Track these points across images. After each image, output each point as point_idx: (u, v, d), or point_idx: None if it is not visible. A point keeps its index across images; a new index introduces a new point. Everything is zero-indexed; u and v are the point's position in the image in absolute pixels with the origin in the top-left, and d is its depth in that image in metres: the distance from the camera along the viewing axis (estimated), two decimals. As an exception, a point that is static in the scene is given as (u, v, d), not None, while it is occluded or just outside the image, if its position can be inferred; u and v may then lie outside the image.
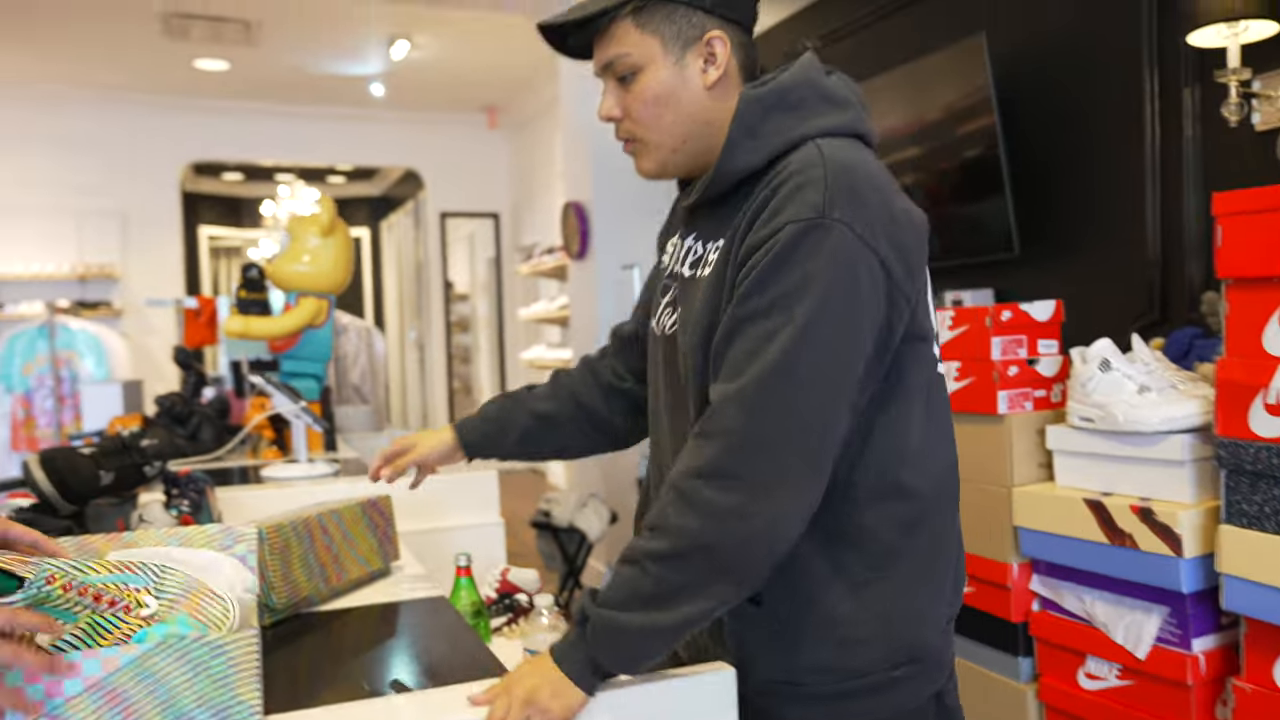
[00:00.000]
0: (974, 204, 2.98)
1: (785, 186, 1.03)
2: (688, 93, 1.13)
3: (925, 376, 1.11)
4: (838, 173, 1.02)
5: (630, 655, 1.02)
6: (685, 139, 1.14)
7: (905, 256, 1.05)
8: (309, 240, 2.69)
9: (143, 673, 0.92)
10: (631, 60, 1.12)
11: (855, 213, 1.01)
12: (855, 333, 1.01)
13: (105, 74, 7.03)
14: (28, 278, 7.31)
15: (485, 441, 1.42)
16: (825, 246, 0.99)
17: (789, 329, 0.99)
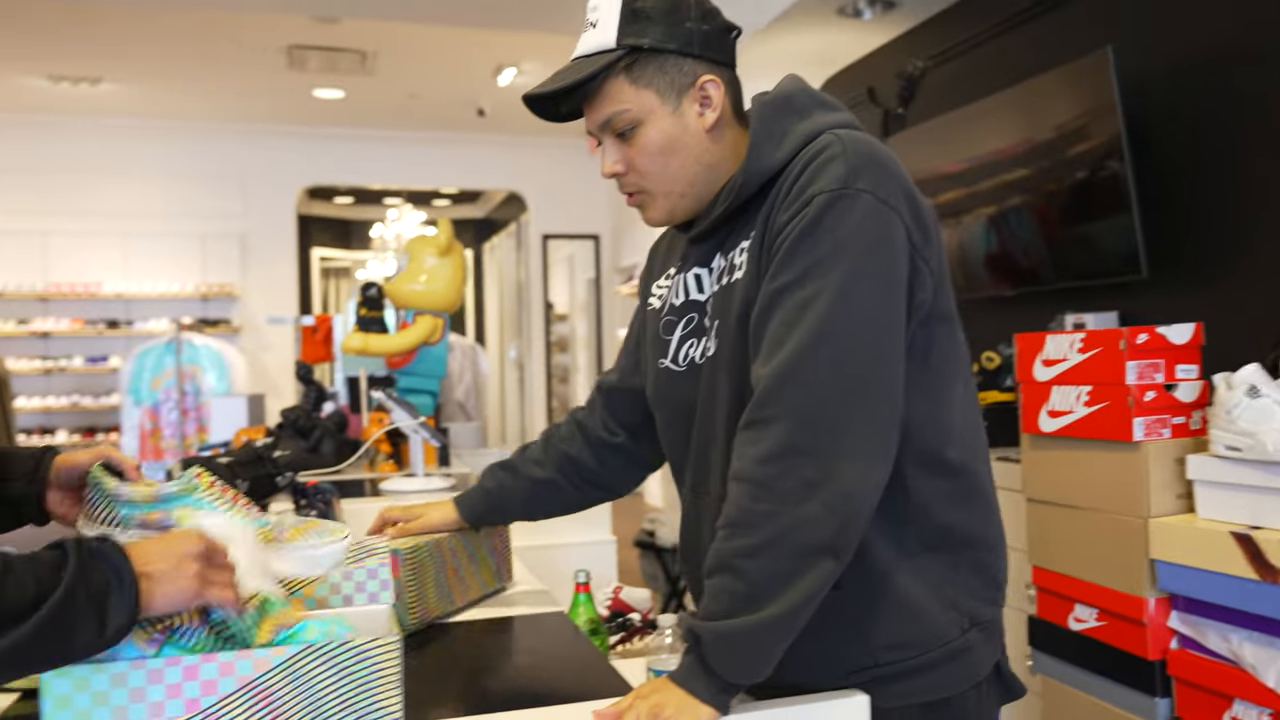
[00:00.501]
0: (1090, 224, 2.88)
1: (810, 167, 1.07)
2: (689, 138, 1.15)
3: (960, 357, 1.15)
4: (857, 148, 1.07)
5: (751, 661, 1.00)
6: (692, 183, 1.17)
7: (923, 225, 1.09)
8: (426, 260, 2.76)
9: (291, 674, 0.94)
10: (630, 115, 1.15)
11: (877, 181, 1.05)
12: (892, 289, 1.05)
13: (232, 106, 7.39)
14: (155, 296, 7.71)
15: (489, 513, 1.50)
16: (853, 213, 1.03)
17: (826, 294, 1.02)
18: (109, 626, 0.83)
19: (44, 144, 7.48)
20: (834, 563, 1.01)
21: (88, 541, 0.85)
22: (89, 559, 0.83)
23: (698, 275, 1.23)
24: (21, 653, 0.78)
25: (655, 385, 1.30)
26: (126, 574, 0.85)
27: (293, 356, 7.81)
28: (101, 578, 0.83)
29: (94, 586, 0.82)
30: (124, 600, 0.84)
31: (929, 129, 3.66)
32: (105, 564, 0.84)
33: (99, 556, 0.84)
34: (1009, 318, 3.39)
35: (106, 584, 0.83)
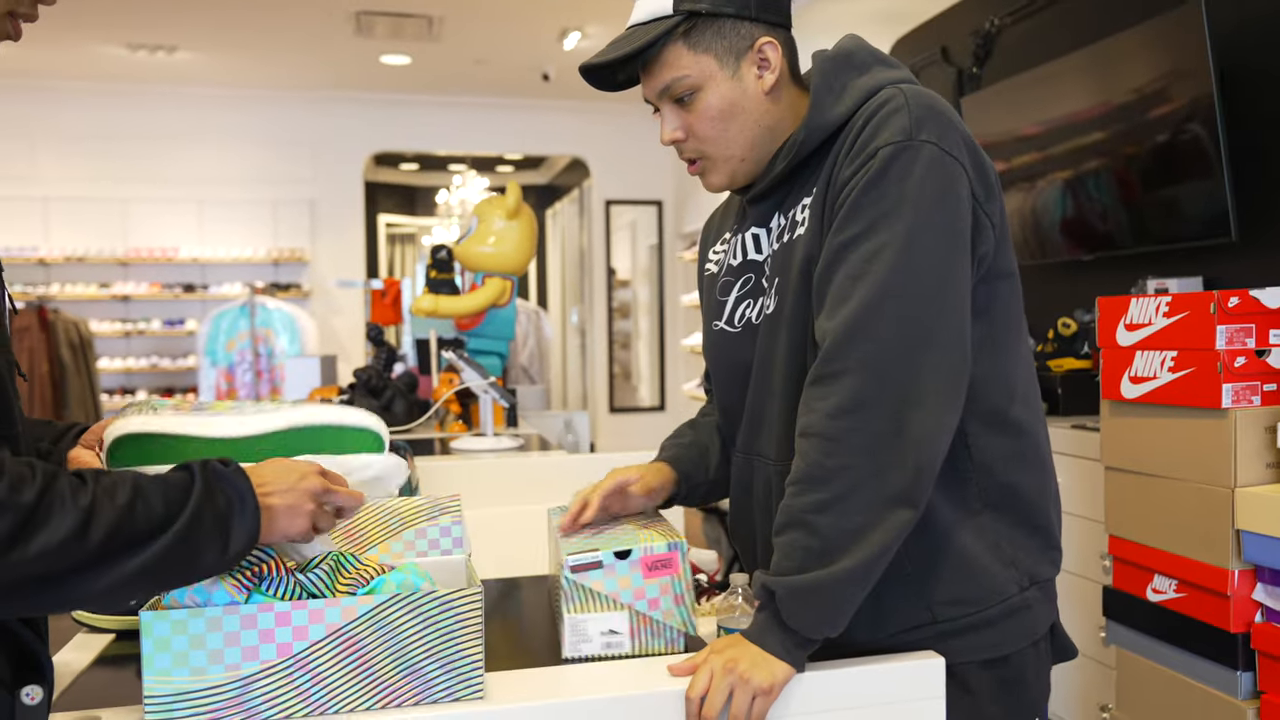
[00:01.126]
0: (1172, 187, 2.78)
1: (873, 120, 1.07)
2: (749, 102, 1.15)
3: (1020, 315, 1.15)
4: (919, 100, 1.07)
5: (825, 614, 1.01)
6: (752, 147, 1.17)
7: (985, 178, 1.09)
8: (495, 223, 2.78)
9: (377, 622, 0.96)
10: (690, 81, 1.14)
11: (941, 133, 1.05)
12: (958, 240, 1.05)
13: (301, 73, 7.48)
14: (229, 261, 7.89)
15: (694, 469, 1.34)
16: (918, 165, 1.04)
17: (892, 246, 1.02)
18: (230, 549, 0.86)
19: (122, 112, 7.67)
20: (911, 512, 1.01)
21: (212, 463, 0.87)
22: (214, 481, 0.85)
23: (755, 235, 1.22)
24: (150, 572, 0.81)
25: (710, 347, 1.30)
26: (250, 499, 0.87)
27: (361, 320, 7.95)
28: (225, 500, 0.85)
29: (219, 509, 0.85)
30: (245, 525, 0.87)
31: (1004, 89, 3.56)
32: (229, 487, 0.86)
33: (223, 479, 0.86)
34: (1084, 284, 3.30)
35: (230, 507, 0.86)
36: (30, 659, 0.83)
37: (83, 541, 0.76)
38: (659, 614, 1.13)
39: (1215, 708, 1.92)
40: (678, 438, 1.39)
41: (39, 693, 0.83)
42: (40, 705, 0.83)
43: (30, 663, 0.83)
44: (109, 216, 7.71)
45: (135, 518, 0.79)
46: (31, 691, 0.82)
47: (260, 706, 0.94)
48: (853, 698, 1.06)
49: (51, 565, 0.75)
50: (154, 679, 0.91)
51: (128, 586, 0.81)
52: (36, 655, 0.84)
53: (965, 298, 1.05)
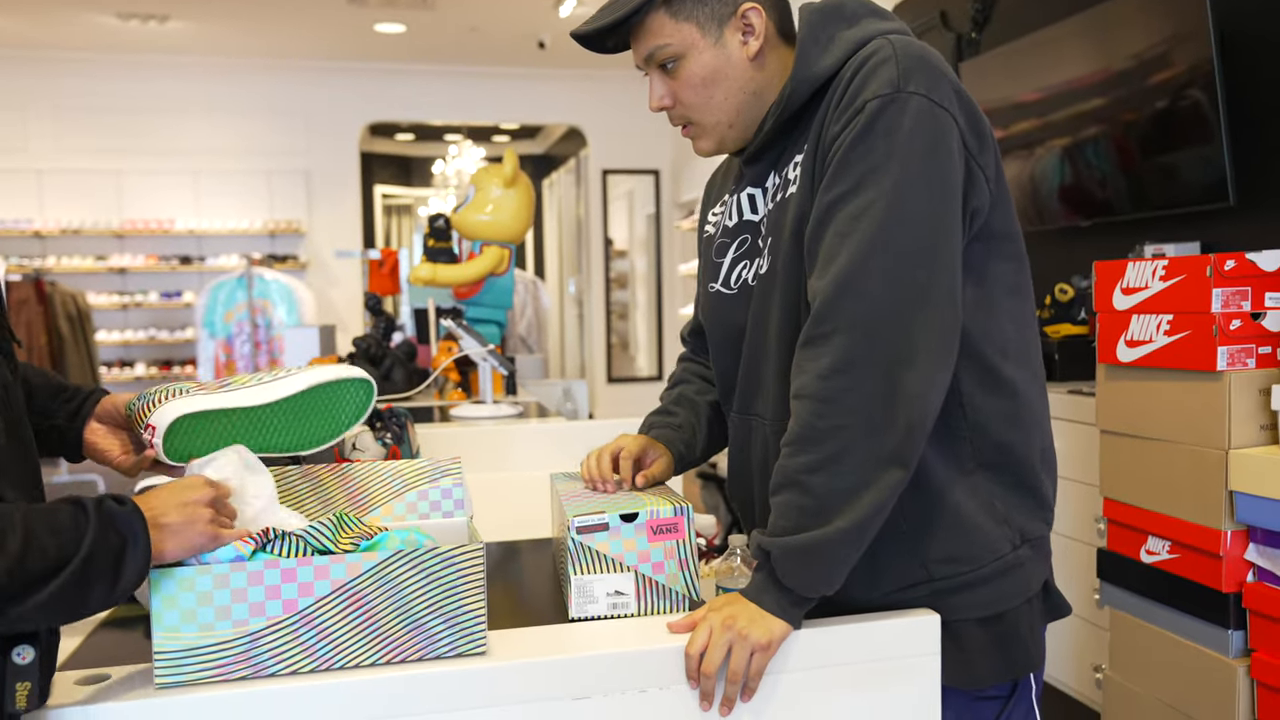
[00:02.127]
0: (1171, 153, 2.78)
1: (860, 73, 1.06)
2: (733, 69, 1.14)
3: (1018, 274, 1.14)
4: (908, 50, 1.06)
5: (821, 573, 1.02)
6: (739, 113, 1.16)
7: (978, 129, 1.08)
8: (492, 191, 2.77)
9: (381, 578, 0.98)
10: (671, 49, 1.14)
11: (931, 84, 1.04)
12: (948, 192, 1.04)
13: (294, 42, 7.42)
14: (225, 233, 7.87)
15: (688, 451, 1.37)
16: (906, 117, 1.02)
17: (880, 201, 1.01)
18: (121, 582, 0.86)
19: (116, 82, 7.62)
20: (903, 471, 1.02)
21: (107, 502, 0.87)
22: (108, 520, 0.86)
23: (751, 195, 1.22)
24: (41, 610, 0.82)
25: (705, 309, 1.30)
26: (141, 532, 0.88)
27: (358, 291, 7.95)
28: (118, 538, 0.86)
29: (111, 546, 0.85)
30: (137, 557, 0.87)
31: (1003, 55, 3.54)
32: (121, 525, 0.87)
33: (116, 519, 0.87)
34: (1082, 250, 3.30)
35: (123, 544, 0.86)
36: None
37: None
38: (663, 578, 1.14)
39: (1207, 666, 1.95)
40: (668, 417, 1.39)
41: (30, 653, 0.84)
42: (31, 664, 0.84)
43: None
44: (104, 188, 7.68)
45: (28, 561, 0.80)
46: (22, 651, 0.84)
47: (268, 661, 0.96)
48: (849, 654, 1.07)
49: None
50: (163, 635, 0.93)
51: (20, 624, 0.82)
52: None
53: (956, 252, 1.04)
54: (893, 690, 1.08)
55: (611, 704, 1.01)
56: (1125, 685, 2.20)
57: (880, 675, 1.08)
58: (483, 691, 0.98)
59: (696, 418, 1.38)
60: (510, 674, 0.99)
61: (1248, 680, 1.88)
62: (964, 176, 1.06)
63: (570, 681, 1.00)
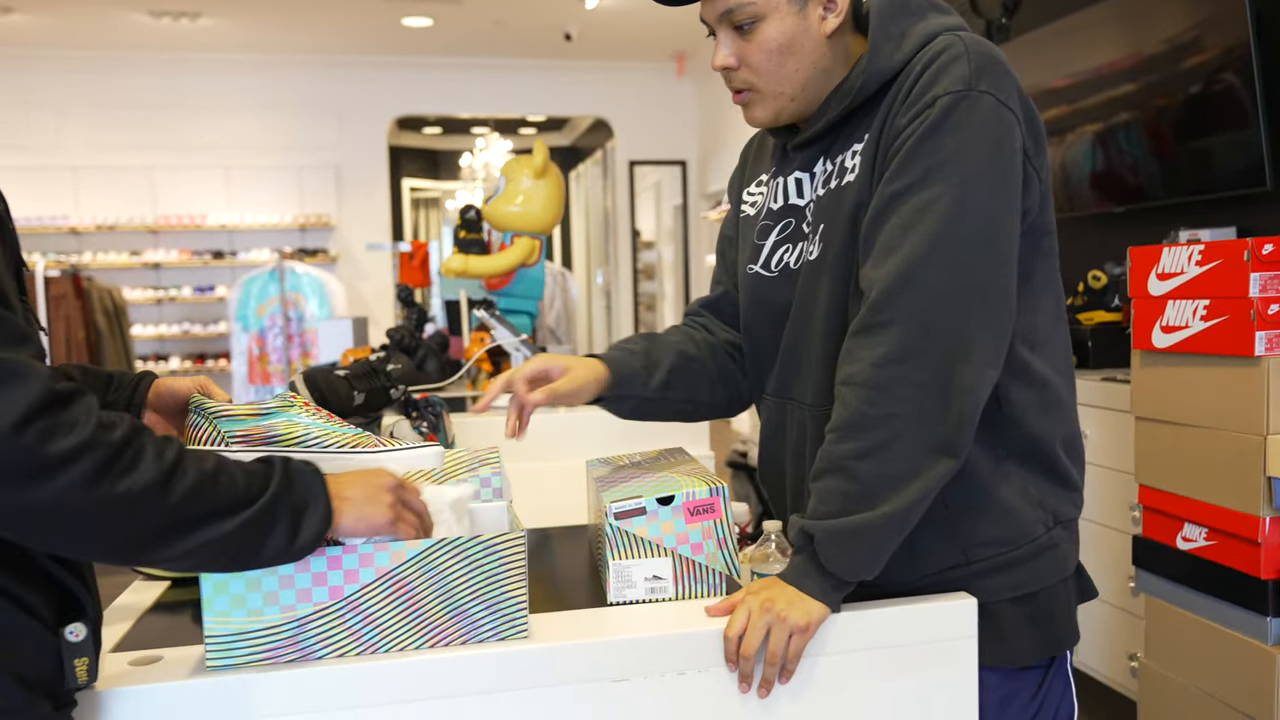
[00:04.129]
0: (1206, 138, 2.74)
1: (932, 67, 1.06)
2: (809, 41, 1.12)
3: (1053, 269, 1.15)
4: (979, 49, 1.07)
5: (862, 558, 1.03)
6: (804, 86, 1.14)
7: (1035, 131, 1.09)
8: (522, 182, 2.78)
9: (425, 566, 1.00)
10: (755, 9, 1.11)
11: (999, 83, 1.05)
12: (1010, 192, 1.05)
13: (323, 37, 7.48)
14: (256, 228, 7.96)
15: (631, 377, 1.27)
16: (975, 115, 1.03)
17: (946, 197, 1.02)
18: (299, 538, 0.89)
19: (148, 79, 7.72)
20: (954, 461, 1.03)
21: (293, 460, 0.91)
22: (294, 475, 0.89)
23: (798, 179, 1.22)
24: (218, 546, 0.84)
25: (743, 290, 1.29)
26: (323, 495, 0.91)
27: (388, 284, 8.02)
28: (301, 495, 0.89)
29: (295, 500, 0.88)
30: (317, 515, 0.90)
31: (1033, 41, 3.51)
32: (306, 482, 0.90)
33: (303, 475, 0.90)
34: (1115, 237, 3.27)
35: (305, 499, 0.89)
36: (71, 599, 0.86)
37: (163, 497, 0.78)
38: (703, 558, 1.15)
39: (1245, 654, 1.94)
40: (627, 343, 1.31)
41: (82, 630, 0.86)
42: (85, 641, 0.86)
43: (72, 603, 0.86)
44: (138, 185, 7.79)
45: (218, 488, 0.82)
46: (75, 630, 0.86)
47: (315, 646, 0.98)
48: (887, 637, 1.08)
49: (129, 512, 0.77)
50: (214, 619, 0.95)
51: (192, 556, 0.83)
52: (76, 595, 0.87)
53: (1014, 251, 1.06)
54: (930, 673, 1.09)
55: (651, 686, 1.02)
56: (1161, 673, 2.18)
57: (918, 658, 1.09)
58: (524, 674, 1.00)
59: (666, 355, 1.30)
60: (551, 657, 1.00)
61: (1287, 668, 1.87)
62: (1021, 177, 1.07)
63: (610, 664, 1.01)
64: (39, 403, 0.72)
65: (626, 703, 1.02)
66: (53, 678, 0.84)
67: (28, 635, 0.82)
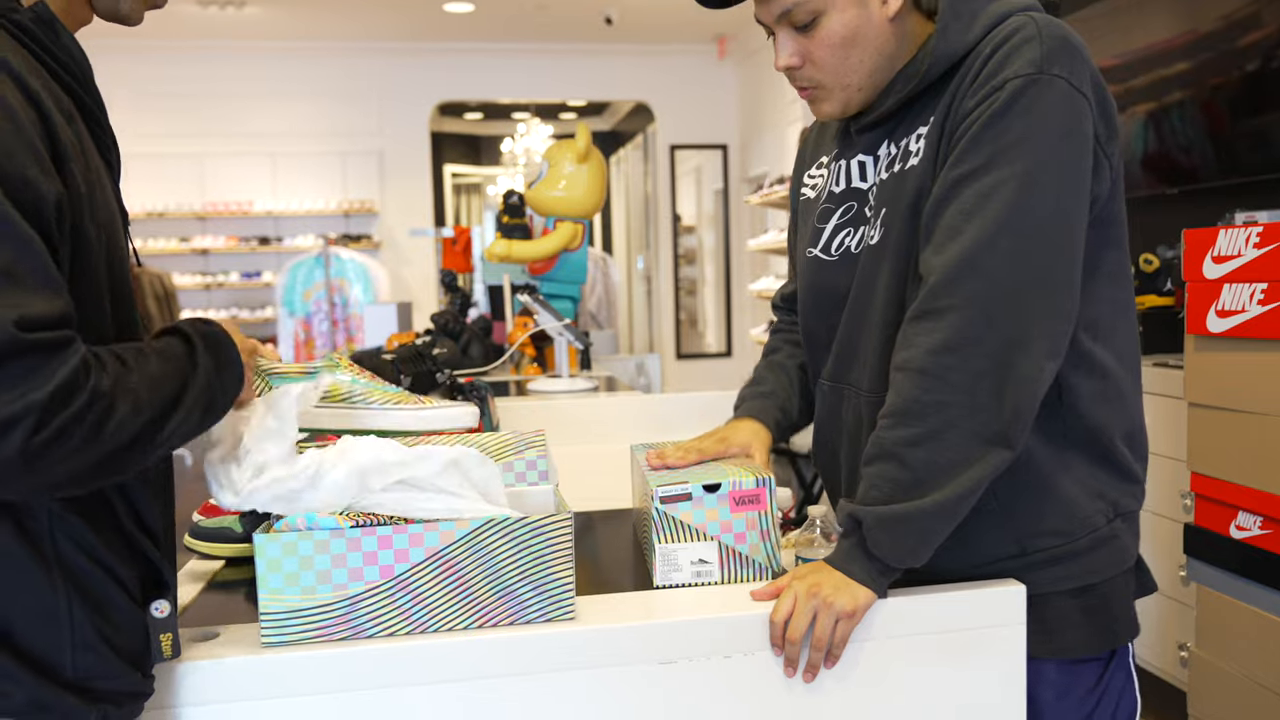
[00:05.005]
0: (1262, 117, 2.67)
1: (1002, 49, 1.03)
2: (872, 29, 1.10)
3: (1121, 260, 1.12)
4: (1052, 31, 1.03)
5: (911, 545, 1.02)
6: (870, 75, 1.12)
7: (1108, 117, 1.06)
8: (565, 167, 2.79)
9: (474, 546, 1.01)
10: (813, 5, 1.09)
11: (1072, 67, 1.02)
12: (1079, 180, 1.02)
13: (366, 24, 7.54)
14: (301, 214, 8.06)
15: (784, 425, 1.34)
16: (1046, 100, 1.00)
17: (1012, 182, 1.00)
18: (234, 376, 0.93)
19: (196, 68, 7.83)
20: (1009, 453, 1.01)
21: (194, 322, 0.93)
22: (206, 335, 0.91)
23: (862, 163, 1.20)
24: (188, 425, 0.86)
25: (803, 274, 1.29)
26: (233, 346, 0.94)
27: (431, 270, 8.08)
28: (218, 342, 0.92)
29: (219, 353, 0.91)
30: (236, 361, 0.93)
31: (1082, 19, 3.43)
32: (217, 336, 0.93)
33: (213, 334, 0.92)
34: (1167, 219, 3.20)
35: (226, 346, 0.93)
36: (155, 575, 0.89)
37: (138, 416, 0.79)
38: (745, 548, 1.15)
39: (1300, 644, 1.90)
40: (757, 387, 1.37)
41: (167, 606, 0.89)
42: (170, 617, 0.89)
43: (155, 579, 0.89)
44: (185, 172, 7.92)
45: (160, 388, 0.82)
46: (160, 605, 0.89)
47: (366, 624, 0.99)
48: (934, 623, 1.07)
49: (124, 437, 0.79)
50: (268, 597, 0.97)
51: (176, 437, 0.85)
52: (161, 572, 0.90)
53: (1080, 241, 1.03)
54: (978, 660, 1.08)
55: (696, 669, 1.03)
56: (1213, 663, 2.15)
57: (966, 645, 1.08)
58: (572, 655, 1.01)
59: (789, 381, 1.36)
60: (598, 638, 1.01)
61: (1344, 659, 1.83)
62: (1092, 164, 1.04)
63: (657, 646, 1.02)
64: None
65: (672, 685, 1.02)
66: (140, 652, 0.88)
67: (121, 609, 0.85)
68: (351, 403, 1.15)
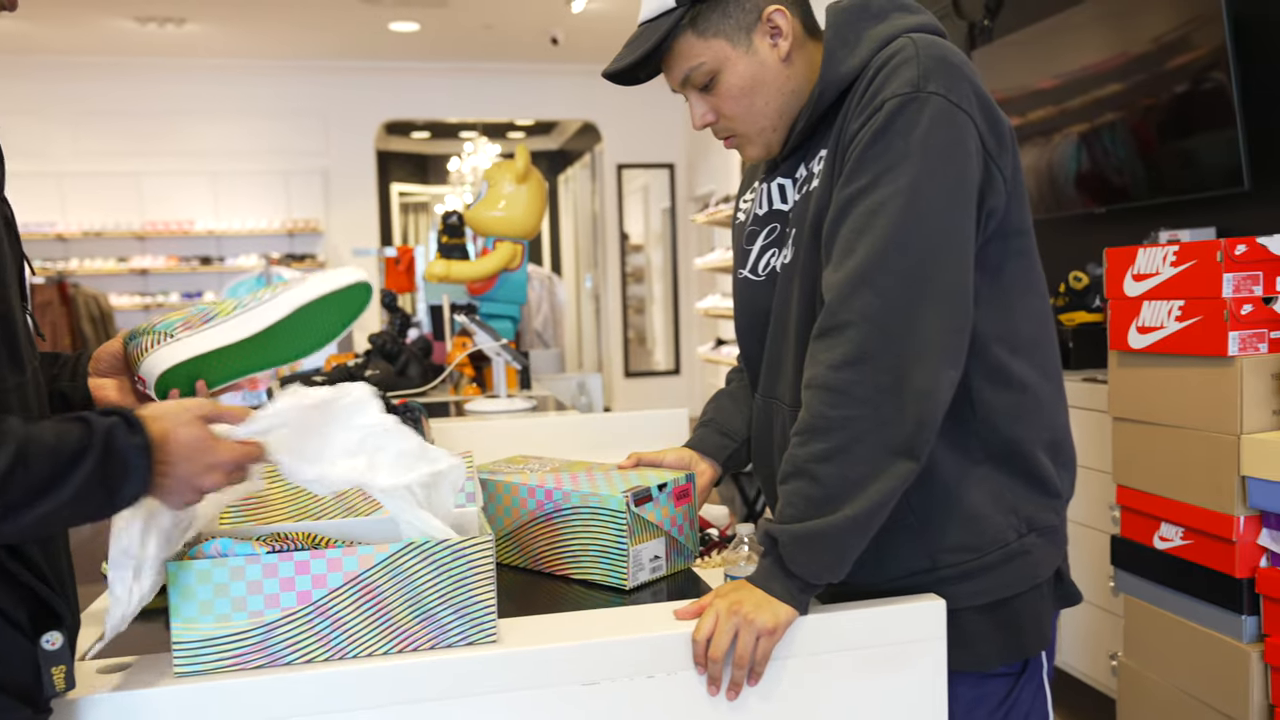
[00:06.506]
0: (1188, 138, 2.76)
1: (883, 71, 1.07)
2: (769, 73, 1.15)
3: (1030, 270, 1.15)
4: (929, 51, 1.07)
5: (827, 561, 1.03)
6: (780, 114, 1.18)
7: (997, 130, 1.09)
8: (504, 187, 2.79)
9: (393, 570, 1.00)
10: (707, 67, 1.15)
11: (949, 84, 1.06)
12: (963, 192, 1.05)
13: (310, 43, 7.48)
14: (244, 233, 7.95)
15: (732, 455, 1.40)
16: (924, 116, 1.04)
17: (897, 199, 1.03)
18: (115, 506, 0.85)
19: (134, 85, 7.70)
20: (913, 464, 1.03)
21: (116, 431, 0.83)
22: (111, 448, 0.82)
23: (782, 185, 1.24)
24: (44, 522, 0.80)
25: (735, 295, 1.33)
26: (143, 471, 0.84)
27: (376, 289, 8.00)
28: (119, 469, 0.83)
29: (109, 477, 0.82)
30: (136, 488, 0.84)
31: (1017, 41, 3.53)
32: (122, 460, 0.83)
33: (119, 453, 0.83)
34: (1099, 237, 3.29)
35: (124, 474, 0.83)
36: (47, 608, 0.87)
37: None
38: (682, 537, 1.30)
39: (1220, 652, 1.95)
40: (701, 418, 1.45)
41: (59, 638, 0.87)
42: (62, 650, 0.87)
43: (47, 611, 0.87)
44: (124, 191, 7.77)
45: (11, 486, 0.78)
46: (51, 638, 0.86)
47: (283, 651, 0.98)
48: (855, 639, 1.08)
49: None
50: (181, 625, 0.95)
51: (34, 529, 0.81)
52: (52, 604, 0.87)
53: (968, 251, 1.06)
54: (899, 674, 1.10)
55: (620, 689, 1.02)
56: (1140, 672, 2.20)
57: (886, 660, 1.09)
58: (494, 679, 1.00)
59: (733, 405, 1.42)
60: (520, 661, 1.01)
61: (1261, 665, 1.88)
62: (982, 177, 1.07)
63: (579, 668, 1.02)
64: None
65: (595, 706, 1.02)
66: (31, 685, 0.85)
67: (6, 643, 0.83)
68: (245, 307, 1.10)
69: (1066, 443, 1.20)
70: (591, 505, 1.24)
